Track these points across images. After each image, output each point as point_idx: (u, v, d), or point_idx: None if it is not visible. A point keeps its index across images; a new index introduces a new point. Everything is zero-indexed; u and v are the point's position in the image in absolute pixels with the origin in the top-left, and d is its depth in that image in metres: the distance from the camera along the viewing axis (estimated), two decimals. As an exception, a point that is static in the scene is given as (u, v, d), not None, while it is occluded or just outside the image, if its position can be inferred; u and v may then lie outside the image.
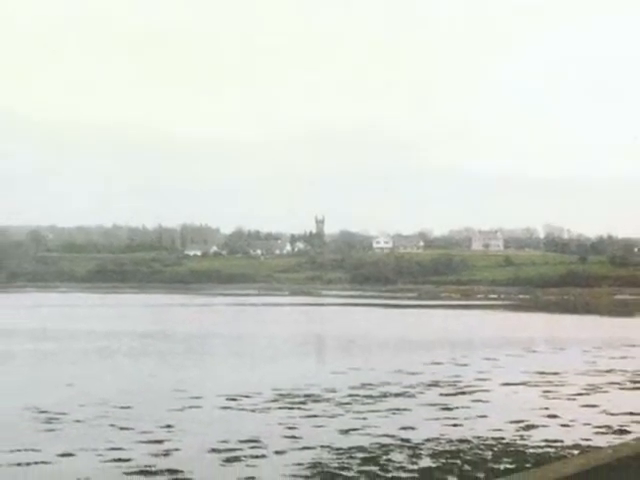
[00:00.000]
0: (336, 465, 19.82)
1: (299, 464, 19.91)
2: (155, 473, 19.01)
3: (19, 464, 19.79)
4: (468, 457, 20.61)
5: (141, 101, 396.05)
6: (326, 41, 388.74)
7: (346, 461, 20.21)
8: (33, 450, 21.28)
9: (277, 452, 21.33)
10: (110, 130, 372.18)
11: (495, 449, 21.63)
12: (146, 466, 19.60)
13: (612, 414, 27.41)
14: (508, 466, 19.47)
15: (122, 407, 28.35)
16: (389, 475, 18.87)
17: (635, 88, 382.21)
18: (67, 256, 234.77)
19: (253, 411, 28.04)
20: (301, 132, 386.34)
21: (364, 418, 26.49)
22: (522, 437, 23.42)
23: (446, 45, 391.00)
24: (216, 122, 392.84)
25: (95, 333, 62.97)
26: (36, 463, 19.94)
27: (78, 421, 25.74)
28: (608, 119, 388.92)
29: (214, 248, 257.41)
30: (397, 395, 31.78)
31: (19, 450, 21.27)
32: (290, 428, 24.73)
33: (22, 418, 26.31)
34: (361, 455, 20.85)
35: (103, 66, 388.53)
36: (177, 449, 21.66)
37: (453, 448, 21.77)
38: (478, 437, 23.18)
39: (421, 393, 32.50)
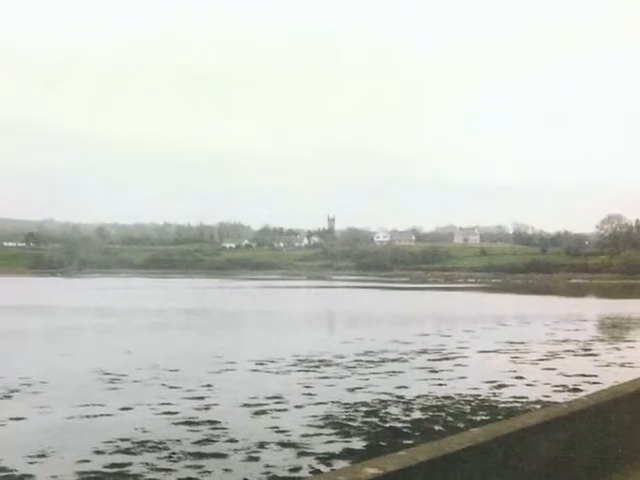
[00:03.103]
0: (344, 417, 19.82)
1: (314, 416, 19.91)
2: (198, 423, 19.03)
3: (87, 416, 19.86)
4: (451, 410, 20.57)
5: (189, 122, 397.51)
6: (336, 76, 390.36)
7: (352, 414, 20.19)
8: (99, 405, 21.34)
9: (296, 406, 21.33)
10: (163, 146, 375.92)
11: (473, 404, 21.58)
12: (190, 418, 19.64)
13: (567, 376, 27.32)
14: (483, 417, 19.42)
15: (171, 370, 28.39)
16: (387, 425, 18.85)
17: (577, 117, 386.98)
18: (126, 248, 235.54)
19: (277, 373, 28.05)
20: (316, 147, 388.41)
21: (367, 379, 26.47)
22: (494, 394, 23.36)
23: (432, 80, 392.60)
24: (248, 139, 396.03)
25: (149, 310, 63.06)
26: (101, 415, 20.00)
27: (135, 381, 25.81)
28: (560, 140, 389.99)
29: (245, 242, 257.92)
30: (393, 360, 31.73)
31: (87, 405, 21.34)
32: (307, 387, 24.73)
33: (90, 379, 26.40)
34: (364, 409, 20.83)
35: (158, 96, 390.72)
36: (216, 404, 21.68)
37: (439, 403, 21.73)
38: (459, 394, 23.14)
39: (413, 359, 32.45)
